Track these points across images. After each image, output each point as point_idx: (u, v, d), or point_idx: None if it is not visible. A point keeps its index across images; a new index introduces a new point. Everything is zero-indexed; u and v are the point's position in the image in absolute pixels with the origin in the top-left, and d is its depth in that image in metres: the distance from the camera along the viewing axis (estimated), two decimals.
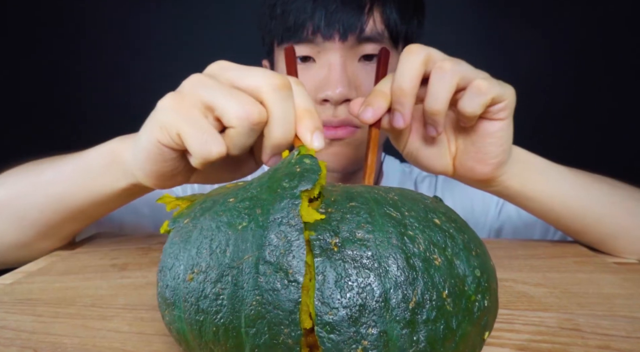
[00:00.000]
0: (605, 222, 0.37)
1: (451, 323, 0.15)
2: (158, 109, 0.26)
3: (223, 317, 0.15)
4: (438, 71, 0.29)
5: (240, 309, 0.15)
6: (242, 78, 0.24)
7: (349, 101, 0.44)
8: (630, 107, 1.03)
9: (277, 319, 0.14)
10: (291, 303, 0.14)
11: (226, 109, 0.24)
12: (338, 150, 0.47)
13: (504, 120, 0.31)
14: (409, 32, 0.47)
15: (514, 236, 0.54)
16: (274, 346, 0.14)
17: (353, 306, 0.14)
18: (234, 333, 0.15)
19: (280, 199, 0.16)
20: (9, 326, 0.25)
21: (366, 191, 0.18)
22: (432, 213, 0.18)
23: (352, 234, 0.16)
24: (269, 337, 0.14)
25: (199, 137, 0.24)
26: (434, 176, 0.61)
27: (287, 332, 0.14)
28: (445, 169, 0.35)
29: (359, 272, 0.15)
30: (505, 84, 0.31)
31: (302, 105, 0.25)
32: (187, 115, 0.24)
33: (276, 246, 0.15)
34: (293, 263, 0.15)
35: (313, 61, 0.45)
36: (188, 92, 0.25)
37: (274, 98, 0.24)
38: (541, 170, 0.36)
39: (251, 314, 0.15)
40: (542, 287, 0.31)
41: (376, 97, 0.30)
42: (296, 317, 0.14)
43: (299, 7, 0.43)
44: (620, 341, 0.23)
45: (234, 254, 0.16)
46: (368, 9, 0.43)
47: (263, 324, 0.15)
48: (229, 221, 0.17)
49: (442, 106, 0.29)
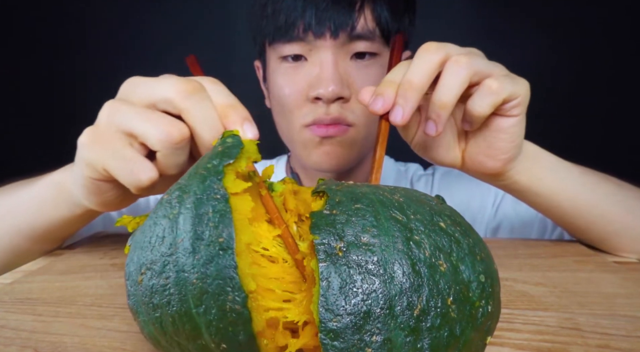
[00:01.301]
0: (609, 220, 0.37)
1: (455, 330, 0.15)
2: (80, 147, 0.26)
3: (174, 305, 0.15)
4: (453, 65, 0.28)
5: (186, 292, 0.15)
6: (153, 93, 0.24)
7: (342, 99, 0.44)
8: (631, 103, 1.03)
9: (219, 288, 0.14)
10: (228, 269, 0.14)
11: (146, 134, 0.23)
12: (330, 149, 0.46)
13: (517, 116, 0.31)
14: (401, 30, 0.47)
15: (511, 234, 0.54)
16: (225, 316, 0.15)
17: (357, 313, 0.14)
18: (187, 317, 0.15)
19: (204, 179, 0.16)
20: (8, 325, 0.25)
21: (371, 191, 0.18)
22: (437, 216, 0.18)
23: (357, 238, 0.16)
24: (218, 309, 0.15)
25: (125, 168, 0.24)
26: (430, 175, 0.61)
27: (232, 299, 0.14)
28: (454, 162, 0.35)
29: (364, 278, 0.15)
30: (520, 80, 0.30)
31: (222, 101, 0.24)
32: (109, 148, 0.24)
33: (205, 222, 0.15)
34: (224, 233, 0.15)
35: (305, 60, 0.45)
36: (105, 123, 0.25)
37: (189, 105, 0.23)
38: (550, 166, 0.36)
39: (196, 293, 0.15)
40: (542, 287, 0.31)
41: (387, 87, 0.29)
42: (237, 281, 0.14)
43: (290, 5, 0.43)
44: (620, 340, 0.23)
45: (170, 241, 0.16)
46: (359, 7, 0.43)
47: (208, 298, 0.15)
48: (163, 213, 0.17)
49: (451, 100, 0.28)
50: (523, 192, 0.37)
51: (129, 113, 0.24)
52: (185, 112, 0.23)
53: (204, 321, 0.15)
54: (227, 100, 0.25)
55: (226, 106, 0.24)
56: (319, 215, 0.16)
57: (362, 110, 0.45)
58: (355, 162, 0.50)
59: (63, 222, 0.34)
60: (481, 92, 0.28)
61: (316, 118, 0.44)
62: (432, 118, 0.29)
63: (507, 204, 0.55)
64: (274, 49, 0.46)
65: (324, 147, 0.46)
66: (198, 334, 0.15)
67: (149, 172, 0.24)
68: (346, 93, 0.44)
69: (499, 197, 0.56)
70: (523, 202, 0.39)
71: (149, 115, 0.24)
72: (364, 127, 0.47)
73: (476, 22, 1.06)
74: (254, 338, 0.15)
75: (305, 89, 0.44)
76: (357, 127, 0.46)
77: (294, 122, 0.47)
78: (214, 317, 0.15)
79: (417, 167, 0.63)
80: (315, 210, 0.17)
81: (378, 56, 0.46)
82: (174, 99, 0.23)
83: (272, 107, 0.51)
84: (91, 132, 0.25)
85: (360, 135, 0.47)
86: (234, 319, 0.15)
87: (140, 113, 0.24)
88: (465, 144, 0.34)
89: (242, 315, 0.14)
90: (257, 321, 0.15)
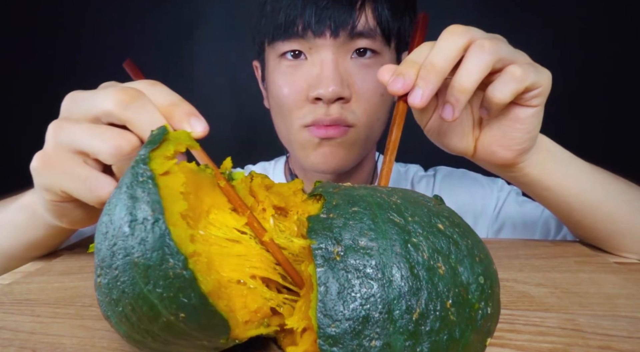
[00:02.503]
0: (615, 220, 0.37)
1: (454, 333, 0.15)
2: (33, 173, 0.26)
3: (128, 291, 0.16)
4: (477, 49, 0.27)
5: (133, 274, 0.15)
6: (92, 108, 0.24)
7: (342, 99, 0.43)
8: (633, 103, 1.03)
9: (159, 259, 0.15)
10: (163, 238, 0.15)
11: (95, 150, 0.23)
12: (329, 150, 0.46)
13: (537, 107, 0.30)
14: (401, 30, 0.46)
15: (513, 237, 0.54)
16: (172, 284, 0.15)
17: (356, 318, 0.14)
18: (142, 299, 0.15)
19: (132, 168, 0.17)
20: (7, 326, 0.25)
21: (368, 194, 0.18)
22: (435, 217, 0.17)
23: (355, 241, 0.15)
24: (163, 280, 0.15)
25: (82, 187, 0.24)
26: (432, 176, 0.60)
27: (172, 265, 0.15)
28: (466, 150, 0.34)
29: (363, 283, 0.14)
30: (542, 69, 0.29)
31: (164, 101, 0.24)
32: (62, 170, 0.24)
33: (137, 204, 0.16)
34: (154, 207, 0.15)
35: (304, 58, 0.44)
36: (52, 145, 0.24)
37: (130, 115, 0.23)
38: (562, 161, 0.36)
39: (141, 271, 0.15)
40: (543, 287, 0.31)
41: (409, 68, 0.27)
42: (173, 247, 0.15)
43: (289, 3, 0.42)
44: (622, 341, 0.23)
45: (112, 233, 0.16)
46: (359, 5, 0.42)
47: (152, 272, 0.15)
48: (104, 212, 0.17)
49: (472, 84, 0.27)
50: (531, 185, 0.36)
51: (74, 131, 0.24)
52: (128, 122, 0.23)
53: (156, 296, 0.15)
54: (169, 100, 0.24)
55: (169, 105, 0.24)
56: (316, 219, 0.16)
57: (362, 111, 0.45)
58: (355, 163, 0.49)
59: (43, 241, 0.35)
60: (503, 78, 0.28)
61: (316, 119, 0.44)
62: (450, 102, 0.28)
63: (509, 208, 0.54)
64: (273, 48, 0.45)
65: (323, 149, 0.46)
66: (156, 312, 0.15)
67: (107, 187, 0.24)
68: (347, 93, 0.43)
69: (501, 200, 0.55)
70: (530, 195, 0.38)
71: (94, 130, 0.23)
72: (364, 127, 0.46)
73: (477, 22, 1.05)
74: (206, 298, 0.15)
75: (305, 89, 0.44)
76: (357, 128, 0.45)
77: (292, 123, 0.46)
78: (162, 289, 0.15)
79: (417, 168, 0.63)
80: (313, 214, 0.17)
81: (379, 55, 0.45)
82: (113, 111, 0.23)
83: (270, 108, 0.51)
84: (41, 156, 0.25)
85: (360, 137, 0.46)
86: (181, 284, 0.15)
87: (86, 130, 0.24)
88: (480, 133, 0.33)
89: (186, 278, 0.15)
90: (205, 281, 0.15)
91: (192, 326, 0.15)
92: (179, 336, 0.16)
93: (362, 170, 0.55)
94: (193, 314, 0.15)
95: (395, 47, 0.47)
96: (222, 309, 0.15)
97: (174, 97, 0.24)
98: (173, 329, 0.16)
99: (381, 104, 0.46)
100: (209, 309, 0.15)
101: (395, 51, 0.48)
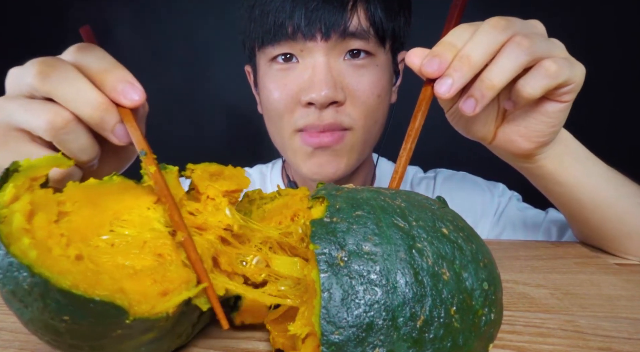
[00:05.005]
0: (624, 221, 0.37)
1: (458, 340, 0.15)
2: None
3: (24, 320, 0.16)
4: (514, 47, 0.26)
5: (15, 304, 0.15)
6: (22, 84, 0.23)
7: (336, 103, 0.42)
8: (636, 102, 1.03)
9: (13, 278, 0.15)
10: (6, 258, 0.15)
11: (30, 126, 0.22)
12: (324, 160, 0.44)
13: (567, 102, 0.29)
14: (396, 30, 0.45)
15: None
16: (36, 296, 0.15)
17: (360, 325, 0.14)
18: (35, 322, 0.15)
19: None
20: (6, 328, 0.25)
21: (372, 197, 0.18)
22: (439, 222, 0.17)
23: (359, 246, 0.15)
24: (28, 295, 0.15)
25: None
26: (432, 178, 0.59)
27: (23, 277, 0.14)
28: (485, 137, 0.34)
29: (367, 289, 0.14)
30: (577, 64, 0.28)
31: (95, 69, 0.22)
32: (7, 149, 0.23)
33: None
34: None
35: (296, 61, 0.42)
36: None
37: (50, 86, 0.22)
38: (579, 157, 0.35)
39: (16, 298, 0.15)
40: (543, 289, 0.30)
41: (447, 50, 0.26)
42: (15, 262, 0.14)
43: (278, 6, 0.40)
44: (622, 342, 0.23)
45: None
46: (351, 6, 0.40)
47: (19, 293, 0.15)
48: None
49: (502, 82, 0.26)
50: (545, 178, 0.36)
51: (10, 108, 0.23)
52: (51, 94, 0.22)
53: (38, 313, 0.15)
54: (101, 65, 0.22)
55: (101, 72, 0.22)
56: (319, 223, 0.16)
57: (359, 113, 0.43)
58: (352, 169, 0.47)
59: None
60: (537, 73, 0.27)
61: (308, 123, 0.42)
62: (475, 96, 0.27)
63: (511, 212, 0.53)
64: (264, 52, 0.44)
65: (317, 159, 0.44)
66: (52, 327, 0.15)
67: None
68: (340, 97, 0.41)
69: (502, 205, 0.54)
70: (540, 189, 0.38)
71: (26, 106, 0.22)
72: (362, 129, 0.44)
73: (479, 19, 1.05)
74: (69, 292, 0.14)
75: (297, 93, 0.42)
76: (354, 130, 0.44)
77: (284, 128, 0.44)
78: (34, 303, 0.15)
79: (416, 170, 0.61)
80: (316, 217, 0.17)
81: (374, 56, 0.44)
82: (33, 85, 0.22)
83: (263, 113, 0.49)
84: None
85: (358, 139, 0.44)
86: (40, 290, 0.15)
87: (20, 106, 0.22)
88: (502, 121, 0.33)
89: (39, 282, 0.14)
90: (63, 277, 0.15)
91: (86, 323, 0.15)
92: (94, 338, 0.16)
93: (359, 175, 0.53)
94: (71, 312, 0.15)
95: (390, 48, 0.46)
96: (96, 294, 0.15)
97: (106, 63, 0.23)
98: (78, 332, 0.15)
99: (378, 105, 0.45)
100: (80, 299, 0.15)
101: (391, 52, 0.46)
